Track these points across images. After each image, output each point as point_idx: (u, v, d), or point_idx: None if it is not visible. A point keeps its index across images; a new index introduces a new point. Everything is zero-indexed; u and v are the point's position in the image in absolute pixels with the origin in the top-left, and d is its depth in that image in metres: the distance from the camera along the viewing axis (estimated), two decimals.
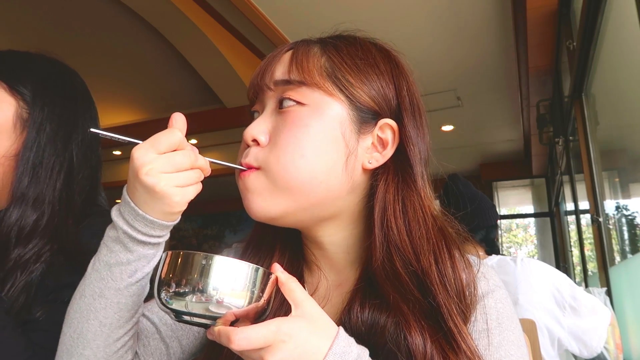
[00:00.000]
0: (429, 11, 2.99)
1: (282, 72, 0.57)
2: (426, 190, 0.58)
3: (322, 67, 0.57)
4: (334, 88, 0.56)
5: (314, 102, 0.56)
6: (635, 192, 2.20)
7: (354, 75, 0.57)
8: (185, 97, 4.66)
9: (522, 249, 7.04)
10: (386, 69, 0.59)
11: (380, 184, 0.57)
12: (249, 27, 3.24)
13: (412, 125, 0.59)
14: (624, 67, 1.90)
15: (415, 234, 0.54)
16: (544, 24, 2.67)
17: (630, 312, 1.81)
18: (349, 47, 0.59)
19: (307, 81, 0.56)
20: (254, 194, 0.56)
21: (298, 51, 0.58)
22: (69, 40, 3.88)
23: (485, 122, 4.82)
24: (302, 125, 0.54)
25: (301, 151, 0.54)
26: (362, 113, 0.57)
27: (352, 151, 0.56)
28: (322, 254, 0.62)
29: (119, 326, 0.53)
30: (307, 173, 0.54)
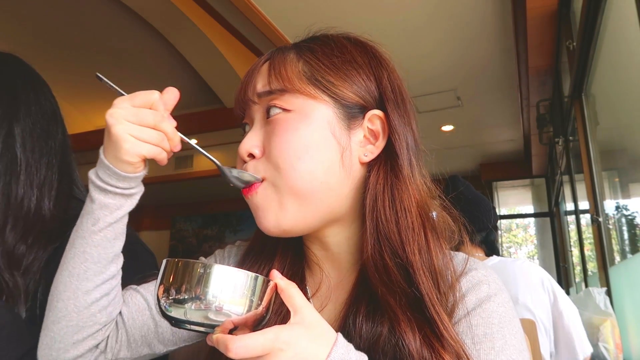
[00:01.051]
0: (429, 11, 2.99)
1: (263, 84, 0.59)
2: (413, 179, 0.58)
3: (300, 72, 0.58)
4: (316, 90, 0.57)
5: (298, 107, 0.57)
6: (635, 192, 2.20)
7: (333, 74, 0.58)
8: (185, 97, 4.63)
9: (522, 249, 7.04)
10: (364, 62, 0.60)
11: (372, 175, 0.58)
12: (249, 27, 3.24)
13: (396, 113, 0.59)
14: (624, 67, 1.90)
15: (402, 223, 0.55)
16: (544, 24, 2.67)
17: (630, 312, 1.81)
18: (323, 48, 0.60)
19: (288, 88, 0.57)
20: (265, 211, 0.57)
21: (274, 60, 0.59)
22: (68, 40, 3.89)
23: (485, 122, 4.82)
24: (291, 130, 0.56)
25: (296, 154, 0.55)
26: (348, 109, 0.58)
27: (346, 147, 0.57)
28: (326, 254, 0.62)
29: (86, 278, 0.55)
30: (307, 174, 0.55)
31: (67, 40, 3.88)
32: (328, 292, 0.61)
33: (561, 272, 5.33)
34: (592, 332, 1.74)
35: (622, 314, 1.86)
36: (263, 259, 0.65)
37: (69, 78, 4.34)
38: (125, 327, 0.61)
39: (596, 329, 1.73)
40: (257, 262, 0.65)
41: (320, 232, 0.60)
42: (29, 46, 4.04)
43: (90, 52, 3.99)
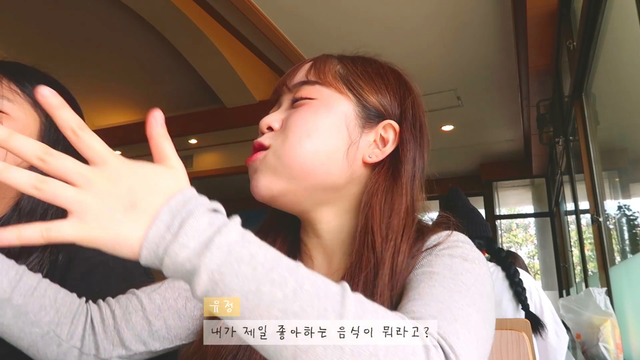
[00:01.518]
0: (429, 11, 2.99)
1: (301, 76, 0.65)
2: (410, 188, 0.62)
3: (336, 72, 0.64)
4: (344, 88, 0.63)
5: (323, 96, 0.62)
6: (635, 192, 2.20)
7: (364, 81, 0.64)
8: (185, 97, 4.66)
9: (522, 249, 7.04)
10: (395, 83, 0.67)
11: (374, 175, 0.62)
12: (249, 27, 3.25)
13: (410, 131, 0.64)
14: (624, 67, 1.90)
15: (387, 221, 0.58)
16: (544, 24, 2.68)
17: (630, 312, 1.81)
18: (363, 61, 0.67)
19: (322, 81, 0.63)
20: (260, 174, 0.60)
21: (318, 60, 0.66)
22: (68, 40, 3.89)
23: (485, 122, 4.83)
24: (310, 112, 0.61)
25: (307, 131, 0.59)
26: (368, 111, 0.63)
27: (354, 142, 0.61)
28: (318, 242, 0.65)
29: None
30: (311, 152, 0.59)
31: (67, 40, 3.88)
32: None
33: (561, 272, 5.33)
34: (592, 332, 1.74)
35: (622, 314, 1.86)
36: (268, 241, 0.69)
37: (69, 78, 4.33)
38: (120, 329, 0.63)
39: (596, 329, 1.73)
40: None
41: (312, 217, 0.64)
42: (29, 46, 4.04)
43: (90, 52, 4.00)
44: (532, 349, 0.90)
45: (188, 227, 0.38)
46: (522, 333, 0.75)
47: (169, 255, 0.38)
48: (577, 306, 1.86)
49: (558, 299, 3.53)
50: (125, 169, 0.40)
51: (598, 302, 1.78)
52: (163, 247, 0.38)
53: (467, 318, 0.46)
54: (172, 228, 0.38)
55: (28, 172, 0.38)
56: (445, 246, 0.57)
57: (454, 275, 0.52)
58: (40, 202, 0.73)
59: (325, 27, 3.09)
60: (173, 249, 0.37)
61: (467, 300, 0.49)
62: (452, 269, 0.53)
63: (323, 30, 3.13)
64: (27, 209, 0.72)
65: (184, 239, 0.37)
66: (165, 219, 0.38)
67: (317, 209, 0.63)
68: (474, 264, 0.54)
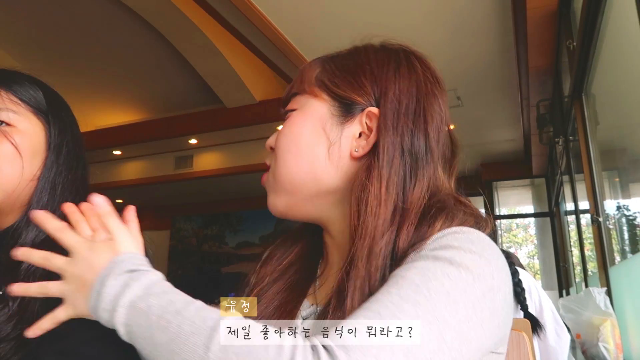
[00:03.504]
0: (429, 11, 2.99)
1: (289, 89, 0.68)
2: (396, 180, 0.56)
3: (315, 77, 0.64)
4: (319, 90, 0.63)
5: (302, 105, 0.64)
6: (635, 192, 2.20)
7: (340, 75, 0.63)
8: (185, 97, 4.66)
9: (522, 249, 7.04)
10: (377, 66, 0.62)
11: (360, 169, 0.59)
12: (249, 27, 3.24)
13: (392, 116, 0.59)
14: (624, 67, 1.90)
15: (363, 217, 0.55)
16: (544, 24, 2.68)
17: (630, 312, 1.81)
18: (345, 54, 0.66)
19: (300, 90, 0.65)
20: (268, 194, 0.65)
21: (303, 68, 0.67)
22: (68, 40, 3.89)
23: (485, 122, 4.83)
24: (289, 126, 0.63)
25: (288, 147, 0.62)
26: (345, 106, 0.62)
27: (334, 142, 0.60)
28: (334, 242, 0.66)
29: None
30: (294, 166, 0.61)
31: (67, 40, 3.88)
32: (328, 275, 0.66)
33: (561, 272, 5.33)
34: (592, 332, 1.74)
35: (622, 314, 1.86)
36: (291, 241, 0.72)
37: (68, 78, 4.34)
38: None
39: (596, 329, 1.73)
40: (287, 243, 0.72)
41: (325, 221, 0.65)
42: (29, 46, 4.04)
43: (90, 52, 4.00)
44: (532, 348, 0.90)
45: (104, 293, 0.50)
46: (522, 333, 0.75)
47: (99, 318, 0.51)
48: (577, 306, 1.86)
49: (558, 298, 3.53)
50: (83, 257, 0.55)
51: (598, 302, 1.78)
52: (95, 312, 0.51)
53: (399, 342, 0.41)
54: (96, 296, 0.50)
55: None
56: (438, 245, 0.50)
57: (422, 281, 0.45)
58: (47, 207, 0.75)
59: (325, 27, 3.09)
60: (99, 313, 0.50)
61: (419, 312, 0.43)
62: (425, 274, 0.46)
63: (323, 30, 3.13)
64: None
65: (102, 303, 0.50)
66: (94, 291, 0.51)
67: (326, 212, 0.63)
68: (461, 269, 0.46)
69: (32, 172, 0.76)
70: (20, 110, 0.76)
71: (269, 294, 0.65)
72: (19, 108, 0.76)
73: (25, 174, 0.75)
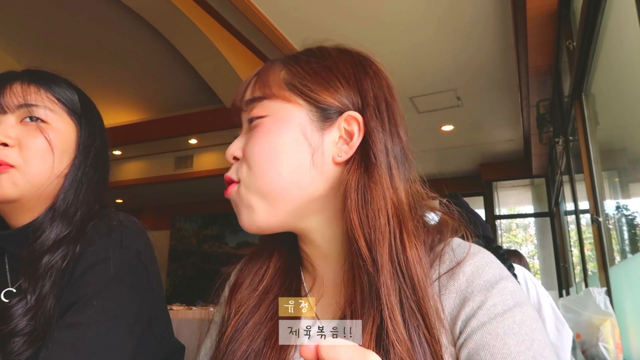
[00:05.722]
0: (429, 11, 2.99)
1: (249, 93, 0.62)
2: (391, 181, 0.57)
3: (281, 80, 0.61)
4: (292, 95, 0.60)
5: (273, 111, 0.59)
6: (635, 192, 2.20)
7: (311, 78, 0.60)
8: (185, 97, 4.66)
9: (522, 249, 7.04)
10: (346, 69, 0.62)
11: (346, 174, 0.58)
12: (249, 27, 3.25)
13: (375, 117, 0.60)
14: (624, 67, 1.90)
15: (371, 223, 0.55)
16: (544, 24, 2.68)
17: (630, 312, 1.81)
18: (308, 56, 0.63)
19: (267, 94, 0.60)
20: (240, 209, 0.60)
21: (262, 71, 0.63)
22: (68, 40, 3.89)
23: (485, 122, 4.83)
24: (264, 134, 0.59)
25: (266, 157, 0.58)
26: (323, 111, 0.59)
27: (317, 148, 0.58)
28: (317, 251, 0.63)
29: None
30: (276, 175, 0.57)
31: (67, 40, 3.88)
32: (321, 288, 0.63)
33: (561, 272, 5.33)
34: (592, 332, 1.74)
35: (622, 314, 1.86)
36: (262, 260, 0.67)
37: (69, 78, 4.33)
38: None
39: (596, 329, 1.73)
40: (256, 265, 0.66)
41: (307, 231, 0.62)
42: (29, 46, 4.04)
43: (90, 52, 4.00)
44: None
45: None
46: None
47: None
48: (577, 306, 1.86)
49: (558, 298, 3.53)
50: None
51: (598, 302, 1.78)
52: None
53: None
54: None
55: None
56: (493, 303, 0.51)
57: (520, 339, 0.49)
58: (72, 204, 0.78)
59: (325, 27, 3.09)
60: None
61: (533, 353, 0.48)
62: (521, 334, 0.49)
63: (323, 30, 3.12)
64: (61, 209, 0.77)
65: None
66: None
67: (307, 220, 0.61)
68: (517, 308, 0.51)
69: (60, 169, 0.79)
70: (57, 109, 0.80)
71: (250, 325, 0.60)
72: (55, 107, 0.80)
73: (55, 170, 0.78)
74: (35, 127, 0.77)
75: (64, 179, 0.79)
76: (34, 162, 0.76)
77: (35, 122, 0.77)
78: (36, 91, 0.79)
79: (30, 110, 0.77)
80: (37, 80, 0.80)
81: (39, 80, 0.80)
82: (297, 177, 0.58)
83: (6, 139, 0.74)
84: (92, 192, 0.82)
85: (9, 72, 0.82)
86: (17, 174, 0.75)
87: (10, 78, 0.79)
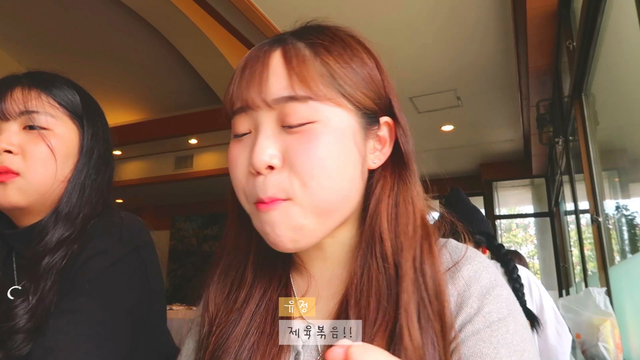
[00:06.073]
0: (429, 11, 2.99)
1: (283, 87, 0.51)
2: (419, 188, 0.57)
3: (321, 75, 0.52)
4: (339, 96, 0.52)
5: (324, 116, 0.51)
6: (635, 192, 2.20)
7: (352, 77, 0.54)
8: (185, 97, 4.66)
9: (522, 249, 7.04)
10: (371, 63, 0.57)
11: (378, 180, 0.56)
12: (249, 27, 3.25)
13: (403, 117, 0.58)
14: (624, 67, 1.90)
15: (401, 229, 0.54)
16: (544, 24, 2.68)
17: (630, 312, 1.81)
18: (336, 47, 0.55)
19: (315, 95, 0.51)
20: (281, 228, 0.51)
21: (291, 58, 0.53)
22: (68, 40, 3.89)
23: (485, 122, 4.83)
24: (319, 145, 0.50)
25: (327, 172, 0.50)
26: (367, 117, 0.55)
27: (365, 158, 0.55)
28: (318, 254, 0.59)
29: None
30: (336, 193, 0.51)
31: (67, 40, 3.88)
32: (317, 291, 0.60)
33: (561, 272, 5.33)
34: (591, 332, 1.74)
35: (622, 313, 1.86)
36: (238, 264, 0.61)
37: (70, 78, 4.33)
38: None
39: (596, 329, 1.73)
40: (231, 270, 0.61)
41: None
42: (29, 46, 4.04)
43: (90, 52, 4.00)
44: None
45: None
46: None
47: None
48: (577, 306, 1.86)
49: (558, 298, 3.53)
50: None
51: (597, 301, 1.78)
52: None
53: None
54: None
55: None
56: (488, 310, 0.51)
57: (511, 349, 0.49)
58: (75, 206, 0.79)
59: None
60: None
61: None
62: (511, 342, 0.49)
63: None
64: (64, 212, 0.78)
65: None
66: None
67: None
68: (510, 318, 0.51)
69: (64, 174, 0.80)
70: (58, 114, 0.80)
71: (234, 337, 0.56)
72: (56, 112, 0.80)
73: (58, 176, 0.79)
74: (37, 135, 0.77)
75: (67, 183, 0.80)
76: (38, 169, 0.77)
77: (37, 130, 0.78)
78: (37, 97, 0.79)
79: (31, 118, 0.78)
80: (38, 84, 0.80)
81: (40, 84, 0.80)
82: (350, 191, 0.53)
83: (10, 147, 0.75)
84: (95, 193, 0.82)
85: (9, 76, 0.82)
86: (22, 181, 0.76)
87: (11, 83, 0.80)
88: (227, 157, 0.56)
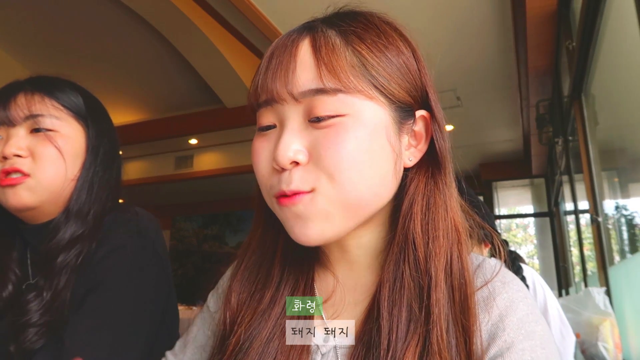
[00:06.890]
0: (429, 11, 2.99)
1: (311, 79, 0.49)
2: (453, 190, 0.54)
3: (352, 65, 0.49)
4: (372, 89, 0.49)
5: (354, 110, 0.48)
6: (634, 192, 2.20)
7: (386, 67, 0.50)
8: (185, 97, 4.66)
9: (522, 249, 7.04)
10: (407, 52, 0.53)
11: (412, 179, 0.53)
12: (249, 27, 3.25)
13: (439, 111, 0.54)
14: (624, 67, 1.90)
15: (432, 234, 0.51)
16: (544, 24, 2.68)
17: (630, 312, 1.82)
18: (370, 34, 0.51)
19: (345, 87, 0.48)
20: (308, 221, 0.49)
21: (319, 47, 0.49)
22: (68, 40, 3.89)
23: (485, 122, 4.83)
24: (349, 140, 0.48)
25: (356, 166, 0.48)
26: (401, 111, 0.52)
27: (399, 154, 0.52)
28: (343, 256, 0.57)
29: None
30: (365, 187, 0.49)
31: (67, 40, 3.88)
32: (342, 297, 0.57)
33: (561, 272, 5.33)
34: (591, 331, 1.74)
35: (621, 313, 1.86)
36: (263, 263, 0.60)
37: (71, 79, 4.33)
38: None
39: (595, 329, 1.73)
40: (255, 268, 0.60)
41: (345, 236, 0.54)
42: (29, 46, 4.04)
43: (90, 52, 4.00)
44: None
45: None
46: None
47: None
48: (576, 306, 1.86)
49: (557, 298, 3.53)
50: None
51: (597, 301, 1.79)
52: None
53: None
54: None
55: None
56: (522, 348, 0.47)
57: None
58: (85, 203, 0.81)
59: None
60: None
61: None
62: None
63: None
64: (74, 209, 0.81)
65: None
66: None
67: (354, 230, 0.54)
68: (549, 353, 0.48)
69: (74, 173, 0.82)
70: (63, 116, 0.82)
71: (258, 341, 0.54)
72: (61, 114, 0.82)
73: (68, 175, 0.81)
74: (44, 137, 0.79)
75: (76, 181, 0.82)
76: (48, 169, 0.79)
77: (44, 132, 0.80)
78: (40, 100, 0.81)
79: (36, 122, 0.80)
80: (41, 88, 0.82)
81: (42, 88, 0.82)
82: (382, 187, 0.50)
83: (19, 151, 0.78)
84: (103, 190, 0.85)
85: (13, 82, 0.84)
86: (33, 182, 0.78)
87: (14, 90, 0.82)
88: (250, 151, 0.53)
